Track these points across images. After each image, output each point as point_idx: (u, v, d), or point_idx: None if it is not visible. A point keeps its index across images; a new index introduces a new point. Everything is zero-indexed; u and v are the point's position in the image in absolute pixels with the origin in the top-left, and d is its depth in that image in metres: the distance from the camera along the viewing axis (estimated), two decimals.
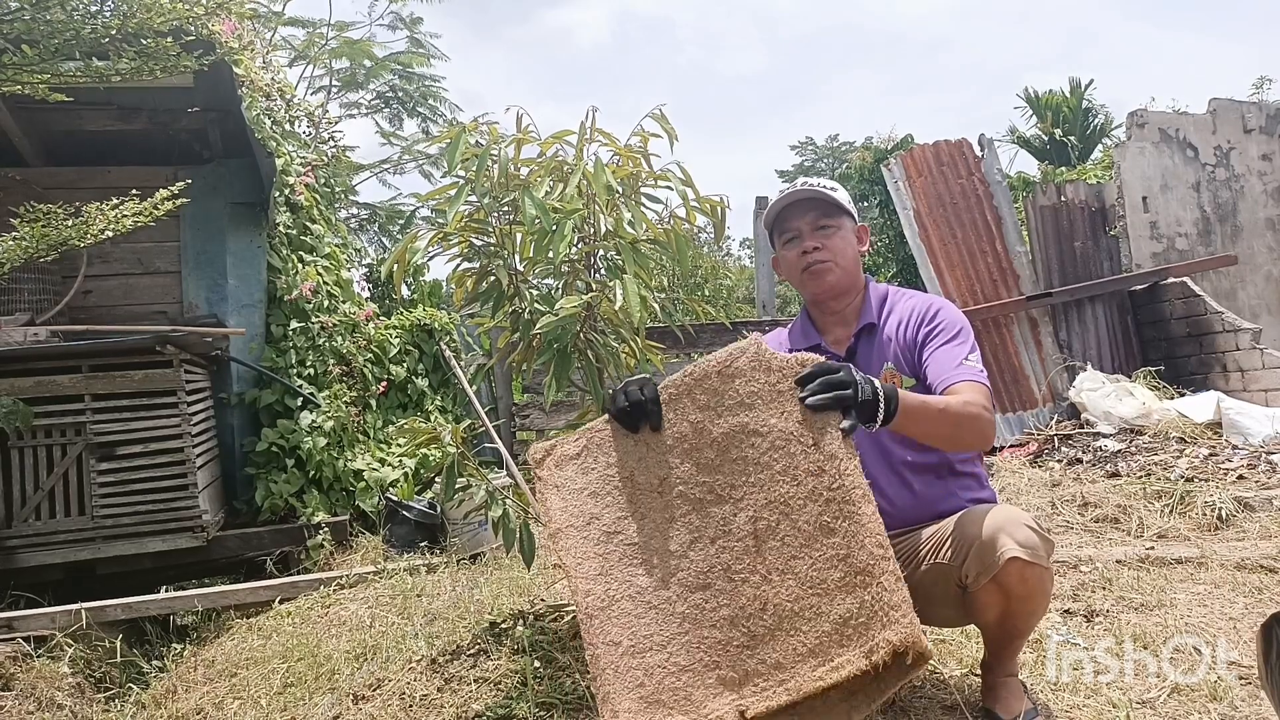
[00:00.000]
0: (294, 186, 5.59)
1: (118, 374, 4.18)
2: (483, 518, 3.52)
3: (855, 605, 1.49)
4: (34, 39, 3.63)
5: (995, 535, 1.77)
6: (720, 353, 1.74)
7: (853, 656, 1.47)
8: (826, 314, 2.14)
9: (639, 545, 1.70)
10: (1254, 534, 3.61)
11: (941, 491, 2.00)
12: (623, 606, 1.65)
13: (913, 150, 6.93)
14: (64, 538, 4.08)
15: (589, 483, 1.77)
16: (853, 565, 1.51)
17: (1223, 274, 7.08)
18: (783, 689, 1.50)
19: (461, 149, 2.22)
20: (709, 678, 1.56)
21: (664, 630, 1.61)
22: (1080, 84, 13.85)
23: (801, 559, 1.56)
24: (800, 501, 1.58)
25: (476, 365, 6.39)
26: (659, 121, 2.31)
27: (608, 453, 1.78)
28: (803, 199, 2.07)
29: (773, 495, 1.61)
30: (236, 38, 4.64)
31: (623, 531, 1.72)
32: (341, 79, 11.94)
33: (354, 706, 2.32)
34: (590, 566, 1.69)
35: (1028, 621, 1.90)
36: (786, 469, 1.61)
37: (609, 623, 1.63)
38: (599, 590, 1.67)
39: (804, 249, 2.06)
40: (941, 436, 1.81)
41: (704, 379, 1.73)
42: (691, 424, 1.72)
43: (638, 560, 1.69)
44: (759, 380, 1.68)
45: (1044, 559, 1.77)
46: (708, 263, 12.00)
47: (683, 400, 1.74)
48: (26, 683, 2.94)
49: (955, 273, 6.54)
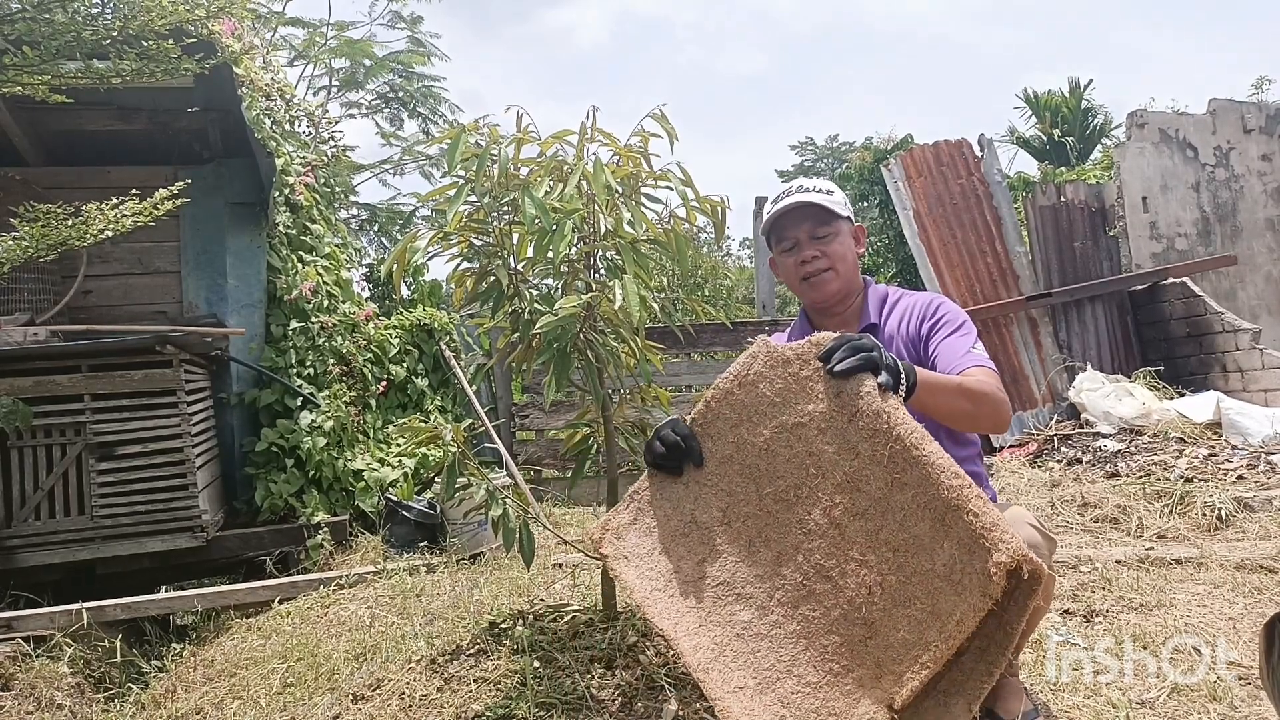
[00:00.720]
0: (294, 186, 5.59)
1: (117, 374, 4.18)
2: (482, 517, 3.52)
3: (954, 548, 1.40)
4: (35, 40, 3.63)
5: None
6: (733, 366, 1.71)
7: (974, 601, 1.37)
8: (827, 317, 2.15)
9: (727, 583, 1.64)
10: (1253, 534, 3.61)
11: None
12: (734, 648, 1.58)
13: (912, 150, 6.93)
14: (63, 538, 4.08)
15: (656, 542, 1.72)
16: (936, 509, 1.43)
17: (1222, 274, 7.09)
18: (919, 665, 1.41)
19: (461, 149, 2.22)
20: (846, 684, 1.49)
21: (784, 655, 1.55)
22: (1079, 84, 13.86)
23: (886, 526, 1.49)
24: (866, 473, 1.52)
25: (476, 365, 6.40)
26: (659, 121, 2.31)
27: (660, 506, 1.73)
28: (799, 206, 2.07)
29: (837, 479, 1.55)
30: (236, 38, 4.64)
31: (707, 575, 1.66)
32: (341, 79, 11.94)
33: (353, 706, 2.32)
34: (687, 623, 1.63)
35: (1030, 621, 1.90)
36: (841, 448, 1.55)
37: (727, 670, 1.57)
38: (705, 642, 1.60)
39: (803, 258, 2.06)
40: (961, 413, 1.78)
41: (727, 396, 1.69)
42: (732, 443, 1.68)
43: (732, 597, 1.63)
44: (781, 376, 1.64)
45: (1045, 559, 1.77)
46: (707, 263, 11.99)
47: (715, 424, 1.70)
48: (26, 682, 2.94)
49: (955, 273, 6.55)
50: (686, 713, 2.06)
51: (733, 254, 17.87)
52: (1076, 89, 13.81)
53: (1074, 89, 13.84)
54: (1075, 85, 13.87)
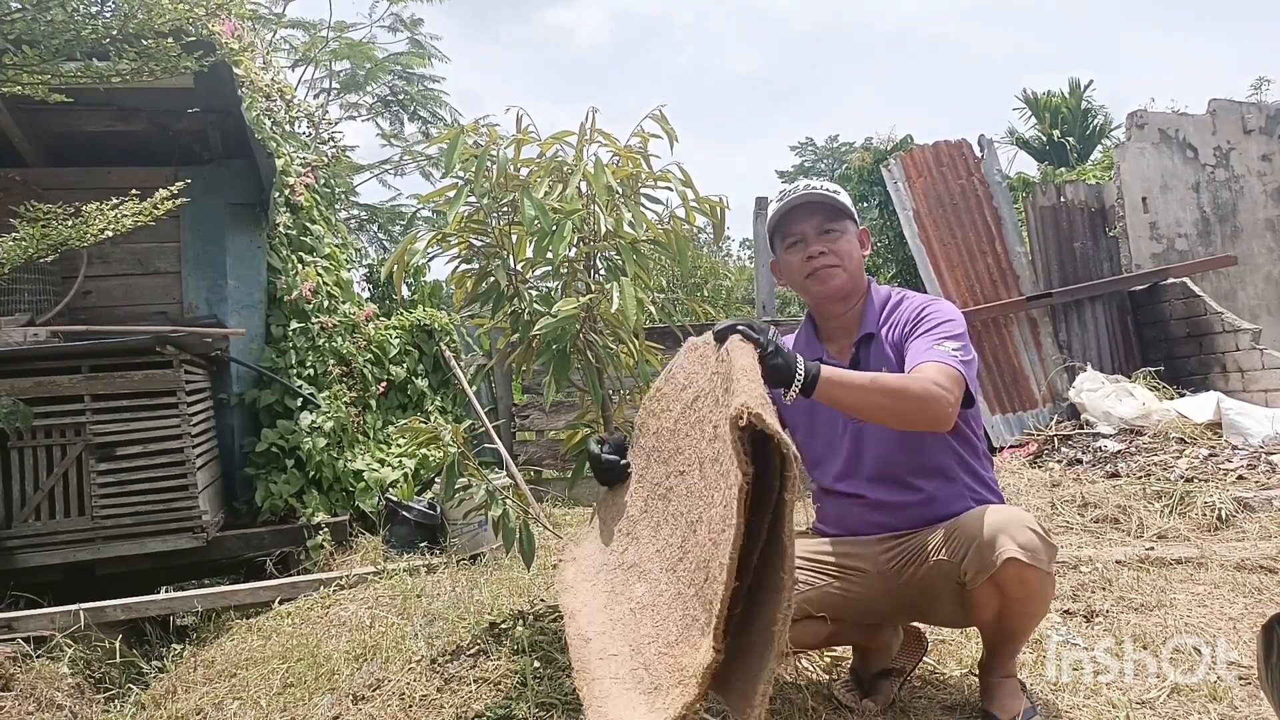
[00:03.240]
0: (294, 187, 5.59)
1: (117, 374, 4.17)
2: (482, 518, 3.52)
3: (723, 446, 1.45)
4: (34, 39, 3.63)
5: (995, 535, 1.77)
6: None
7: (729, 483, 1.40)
8: (829, 319, 2.12)
9: (635, 565, 1.72)
10: (1254, 534, 3.61)
11: (952, 493, 1.98)
12: (625, 622, 1.64)
13: (912, 151, 6.93)
14: (64, 538, 4.08)
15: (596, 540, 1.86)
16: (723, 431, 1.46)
17: (1222, 274, 7.08)
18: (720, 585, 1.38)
19: (461, 150, 2.22)
20: (693, 634, 1.48)
21: (659, 618, 1.58)
22: (1079, 85, 13.87)
23: (717, 464, 1.51)
24: (720, 420, 1.53)
25: (476, 366, 6.40)
26: (659, 122, 2.32)
27: (607, 507, 1.87)
28: (807, 202, 2.04)
29: (709, 434, 1.59)
30: (236, 38, 4.63)
31: (624, 562, 1.76)
32: (342, 81, 11.95)
33: (353, 707, 2.32)
34: (593, 606, 1.72)
35: (1025, 623, 1.90)
36: (715, 404, 1.61)
37: (608, 640, 1.63)
38: (600, 619, 1.68)
39: (809, 253, 2.03)
40: (878, 407, 1.75)
41: (656, 392, 1.83)
42: (654, 433, 1.79)
43: (635, 577, 1.69)
44: (689, 360, 1.77)
45: (1044, 563, 1.76)
46: (707, 263, 11.99)
47: (646, 421, 1.83)
48: (26, 683, 2.94)
49: (955, 273, 6.54)
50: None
51: (732, 254, 17.88)
52: (1076, 90, 13.82)
53: (1074, 90, 13.85)
54: (1075, 86, 13.88)
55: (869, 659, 2.17)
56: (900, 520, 2.00)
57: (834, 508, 2.11)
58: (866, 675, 2.17)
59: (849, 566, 2.01)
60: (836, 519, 2.11)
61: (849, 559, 2.02)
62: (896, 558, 1.97)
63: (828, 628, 2.00)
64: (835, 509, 2.11)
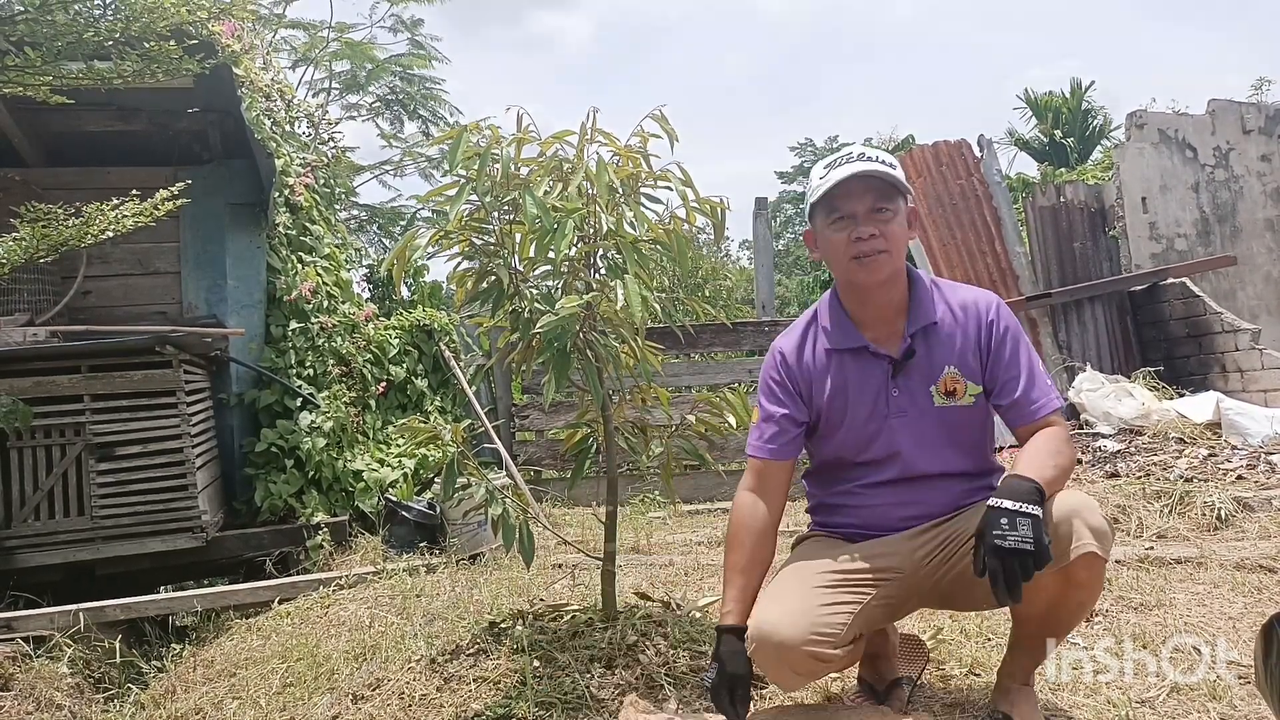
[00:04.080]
0: (294, 187, 5.59)
1: (117, 374, 4.17)
2: (482, 517, 3.52)
3: None
4: (37, 42, 3.63)
5: (1071, 522, 1.68)
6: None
7: None
8: (866, 306, 1.93)
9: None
10: (1253, 534, 3.61)
11: (970, 488, 1.93)
12: None
13: (912, 151, 6.94)
14: (63, 538, 4.07)
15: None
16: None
17: (1222, 275, 7.09)
18: None
19: (463, 149, 2.23)
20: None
21: None
22: (1080, 85, 13.89)
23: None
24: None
25: (476, 366, 6.40)
26: (659, 122, 2.32)
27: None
28: (862, 175, 1.83)
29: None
30: (236, 39, 4.64)
31: None
32: (342, 81, 11.96)
33: (353, 706, 2.32)
34: None
35: (1077, 614, 1.82)
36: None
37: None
38: None
39: (858, 235, 1.83)
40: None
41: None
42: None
43: None
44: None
45: (1108, 551, 1.72)
46: (707, 264, 12.00)
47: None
48: (25, 683, 2.94)
49: (954, 273, 6.55)
50: (686, 713, 2.06)
51: (732, 255, 17.90)
52: (1077, 90, 13.84)
53: (1074, 90, 13.87)
54: (1076, 86, 13.90)
55: (878, 665, 2.12)
56: (935, 507, 1.90)
57: (857, 502, 1.98)
58: (880, 684, 2.11)
59: (882, 569, 1.86)
60: (860, 517, 1.98)
61: (880, 560, 1.87)
62: (933, 550, 1.87)
63: (861, 641, 1.91)
64: (859, 503, 1.98)
